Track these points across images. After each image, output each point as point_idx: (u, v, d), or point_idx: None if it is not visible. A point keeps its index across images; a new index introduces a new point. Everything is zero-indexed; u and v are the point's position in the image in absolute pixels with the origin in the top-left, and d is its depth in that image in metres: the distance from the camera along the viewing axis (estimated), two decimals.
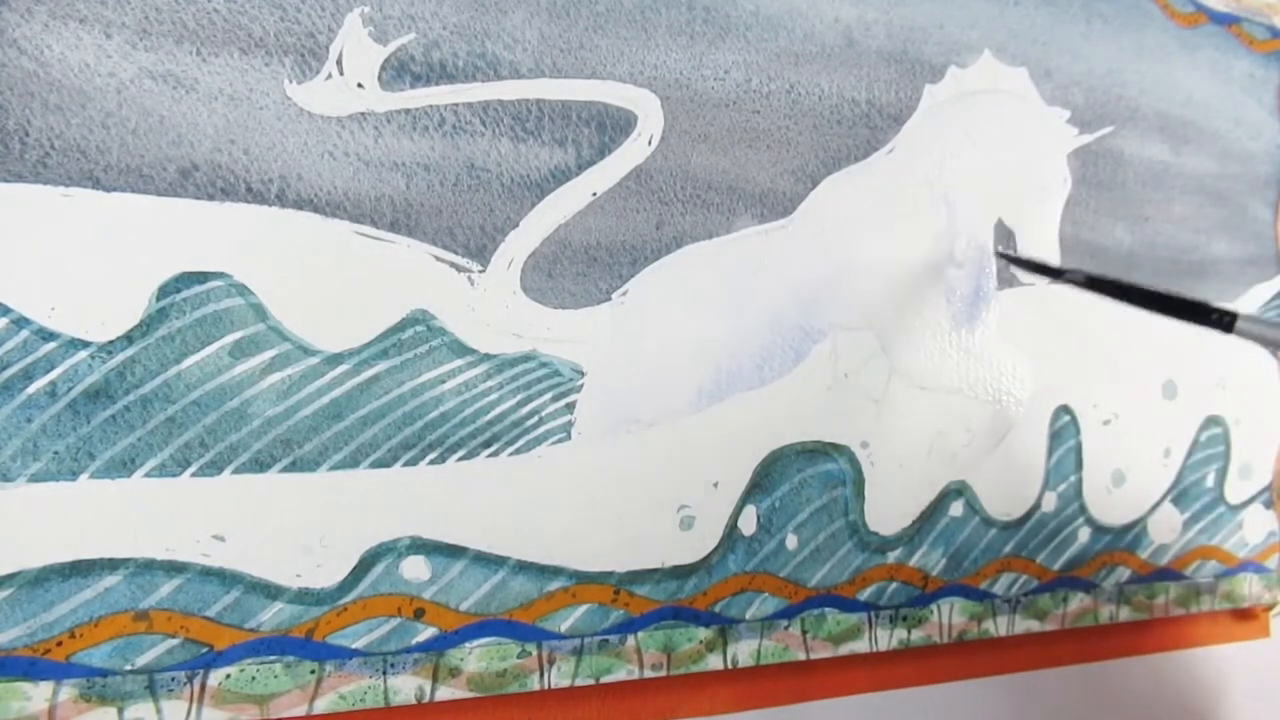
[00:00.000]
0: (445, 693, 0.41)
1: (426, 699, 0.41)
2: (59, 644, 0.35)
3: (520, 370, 0.43)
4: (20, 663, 0.34)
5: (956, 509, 0.55)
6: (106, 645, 0.36)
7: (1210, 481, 0.66)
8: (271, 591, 0.38)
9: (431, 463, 0.41)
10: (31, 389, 0.35)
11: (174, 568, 0.37)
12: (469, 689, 0.42)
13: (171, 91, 0.37)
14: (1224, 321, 0.46)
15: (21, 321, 0.35)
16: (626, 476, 0.45)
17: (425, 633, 0.41)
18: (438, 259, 0.42)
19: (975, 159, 0.55)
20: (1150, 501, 0.63)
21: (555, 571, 0.44)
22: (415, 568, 0.41)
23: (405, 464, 0.41)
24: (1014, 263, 0.56)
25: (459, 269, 0.42)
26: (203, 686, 0.37)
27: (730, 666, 0.48)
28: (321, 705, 0.39)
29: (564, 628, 0.44)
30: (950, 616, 0.55)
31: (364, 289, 0.40)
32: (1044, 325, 0.58)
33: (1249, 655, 0.68)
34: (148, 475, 0.36)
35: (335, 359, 0.40)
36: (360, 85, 0.40)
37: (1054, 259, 0.58)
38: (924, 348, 0.53)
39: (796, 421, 0.50)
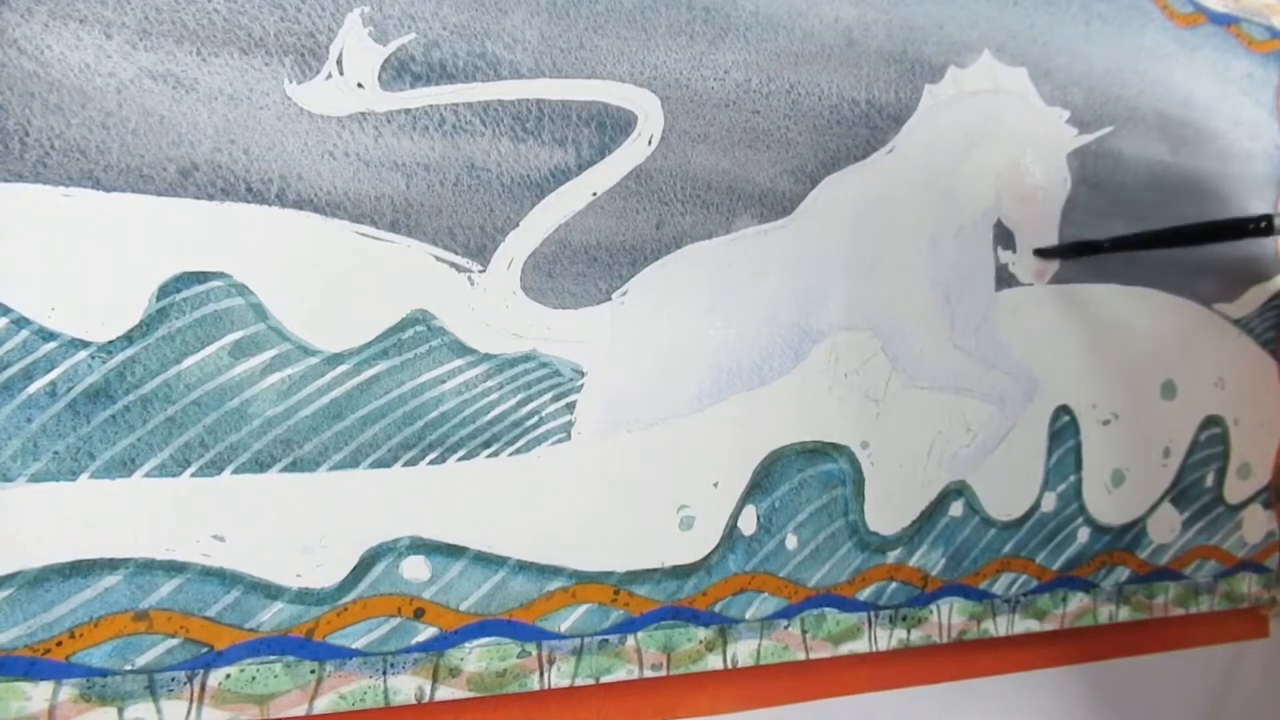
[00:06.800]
0: (445, 693, 0.41)
1: (426, 699, 0.41)
2: (59, 644, 0.35)
3: (520, 370, 0.43)
4: (20, 663, 0.34)
5: (956, 509, 0.55)
6: (106, 645, 0.36)
7: (1209, 481, 0.66)
8: (271, 591, 0.38)
9: (431, 463, 0.41)
10: (31, 389, 0.35)
11: (174, 568, 0.37)
12: (469, 689, 0.42)
13: (171, 91, 0.37)
14: (1262, 227, 0.47)
15: (21, 321, 0.35)
16: (626, 476, 0.45)
17: (425, 633, 0.41)
18: (438, 259, 0.42)
19: (975, 159, 0.55)
20: (1150, 501, 0.63)
21: (555, 571, 0.44)
22: (415, 568, 0.41)
23: (405, 464, 0.41)
24: (1052, 255, 0.57)
25: (459, 269, 0.42)
26: (203, 686, 0.37)
27: (730, 666, 0.48)
28: (321, 705, 0.39)
29: (564, 628, 0.44)
30: (950, 616, 0.55)
31: (364, 289, 0.40)
32: (1044, 325, 0.58)
33: (1249, 655, 0.68)
34: (148, 475, 0.36)
35: (335, 359, 0.40)
36: (360, 85, 0.40)
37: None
38: (924, 348, 0.53)
39: (796, 421, 0.50)
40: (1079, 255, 0.57)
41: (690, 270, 0.47)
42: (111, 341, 0.36)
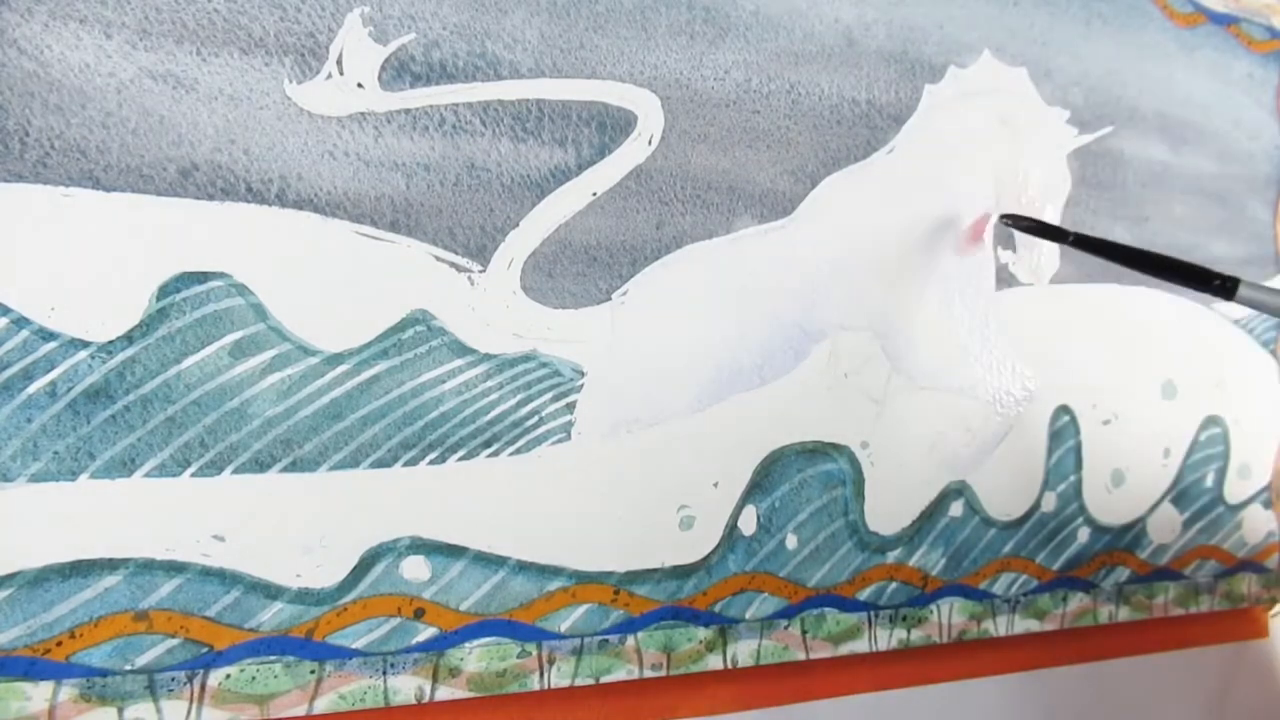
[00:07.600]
0: (445, 693, 0.41)
1: (426, 699, 0.41)
2: (59, 644, 0.35)
3: (520, 370, 0.43)
4: (20, 663, 0.34)
5: (956, 509, 0.55)
6: (106, 645, 0.36)
7: (1209, 481, 0.66)
8: (271, 591, 0.38)
9: (431, 463, 0.41)
10: (31, 389, 0.35)
11: (174, 568, 0.37)
12: (469, 689, 0.42)
13: (171, 91, 0.37)
14: (1226, 287, 0.45)
15: (21, 321, 0.35)
16: (626, 476, 0.45)
17: (425, 633, 0.41)
18: (438, 259, 0.42)
19: (975, 159, 0.55)
20: (1150, 501, 0.63)
21: (555, 571, 0.44)
22: (415, 568, 0.41)
23: (405, 464, 0.41)
24: (1017, 224, 0.55)
25: (459, 269, 0.42)
26: (203, 686, 0.37)
27: (730, 666, 0.48)
28: (321, 705, 0.39)
29: (564, 628, 0.44)
30: (950, 616, 0.55)
31: (364, 289, 0.40)
32: (1044, 325, 0.58)
33: (1248, 655, 0.68)
34: (148, 475, 0.36)
35: (335, 359, 0.40)
36: (360, 85, 0.40)
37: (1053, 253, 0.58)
38: (924, 348, 0.53)
39: (796, 421, 0.50)
40: (1042, 236, 0.55)
41: (690, 270, 0.47)
42: (111, 341, 0.36)
